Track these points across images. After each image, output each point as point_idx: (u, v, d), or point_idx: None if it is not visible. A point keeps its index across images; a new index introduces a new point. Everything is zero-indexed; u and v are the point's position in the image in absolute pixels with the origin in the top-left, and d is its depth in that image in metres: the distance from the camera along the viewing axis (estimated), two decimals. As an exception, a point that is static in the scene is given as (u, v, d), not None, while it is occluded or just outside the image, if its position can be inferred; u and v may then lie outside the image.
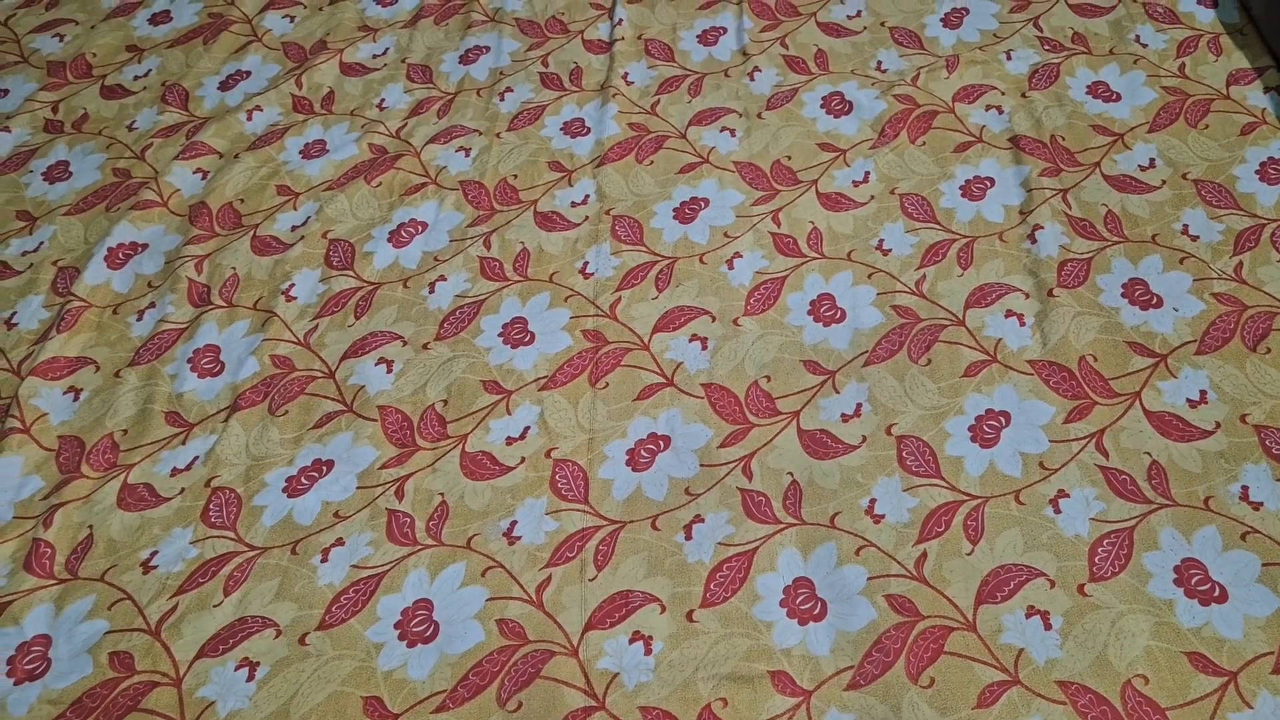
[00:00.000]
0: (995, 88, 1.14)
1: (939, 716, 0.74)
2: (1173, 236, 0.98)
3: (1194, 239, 0.97)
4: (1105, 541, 0.80)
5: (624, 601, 0.82)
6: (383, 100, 1.24)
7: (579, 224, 1.08)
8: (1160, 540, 0.80)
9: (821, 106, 1.16)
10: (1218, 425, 0.85)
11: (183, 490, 0.92)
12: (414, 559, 0.86)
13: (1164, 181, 1.02)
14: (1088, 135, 1.07)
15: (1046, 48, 1.17)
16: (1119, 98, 1.09)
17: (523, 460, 0.91)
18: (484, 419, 0.94)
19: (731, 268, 1.01)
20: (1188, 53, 1.12)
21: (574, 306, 1.01)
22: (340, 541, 0.87)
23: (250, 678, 0.80)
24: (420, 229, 1.10)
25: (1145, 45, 1.14)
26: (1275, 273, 0.93)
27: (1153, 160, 1.03)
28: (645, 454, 0.90)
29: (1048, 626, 0.77)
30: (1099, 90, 1.11)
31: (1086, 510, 0.82)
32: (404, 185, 1.14)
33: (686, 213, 1.07)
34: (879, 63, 1.20)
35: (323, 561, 0.86)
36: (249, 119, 1.24)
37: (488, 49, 1.29)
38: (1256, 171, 1.01)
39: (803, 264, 1.01)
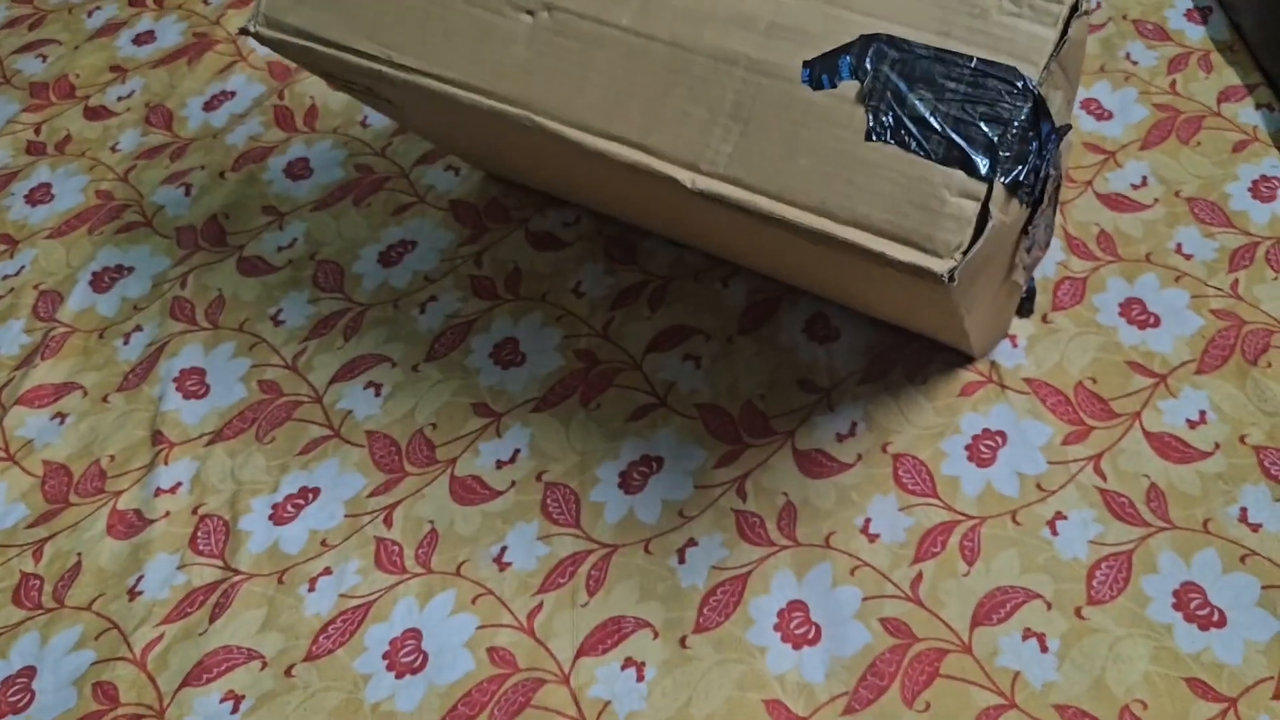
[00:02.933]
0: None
1: (937, 744, 0.73)
2: (1167, 255, 0.97)
3: (1188, 257, 0.97)
4: (1104, 564, 0.80)
5: (616, 627, 0.81)
6: (365, 118, 1.23)
7: (571, 243, 1.07)
8: (1159, 563, 0.79)
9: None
10: (1217, 446, 0.85)
11: (167, 514, 0.91)
12: (403, 587, 0.85)
13: (1156, 200, 1.01)
14: (1080, 153, 1.06)
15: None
16: (1111, 115, 1.09)
17: (513, 484, 0.90)
18: (473, 442, 0.93)
19: (726, 286, 1.01)
20: (1178, 70, 1.12)
21: (566, 326, 1.00)
22: (328, 570, 0.86)
23: (235, 710, 0.79)
24: (409, 249, 1.09)
25: (1136, 63, 1.14)
26: (1271, 291, 0.93)
27: (1145, 178, 1.03)
28: (638, 476, 0.89)
29: (1044, 649, 0.76)
30: (1091, 108, 1.10)
31: (1085, 533, 0.81)
32: (393, 205, 1.14)
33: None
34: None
35: (310, 591, 0.85)
36: (232, 138, 1.23)
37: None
38: (1249, 189, 1.00)
39: (796, 283, 1.01)
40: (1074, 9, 0.63)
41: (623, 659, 0.79)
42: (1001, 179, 0.61)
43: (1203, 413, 0.87)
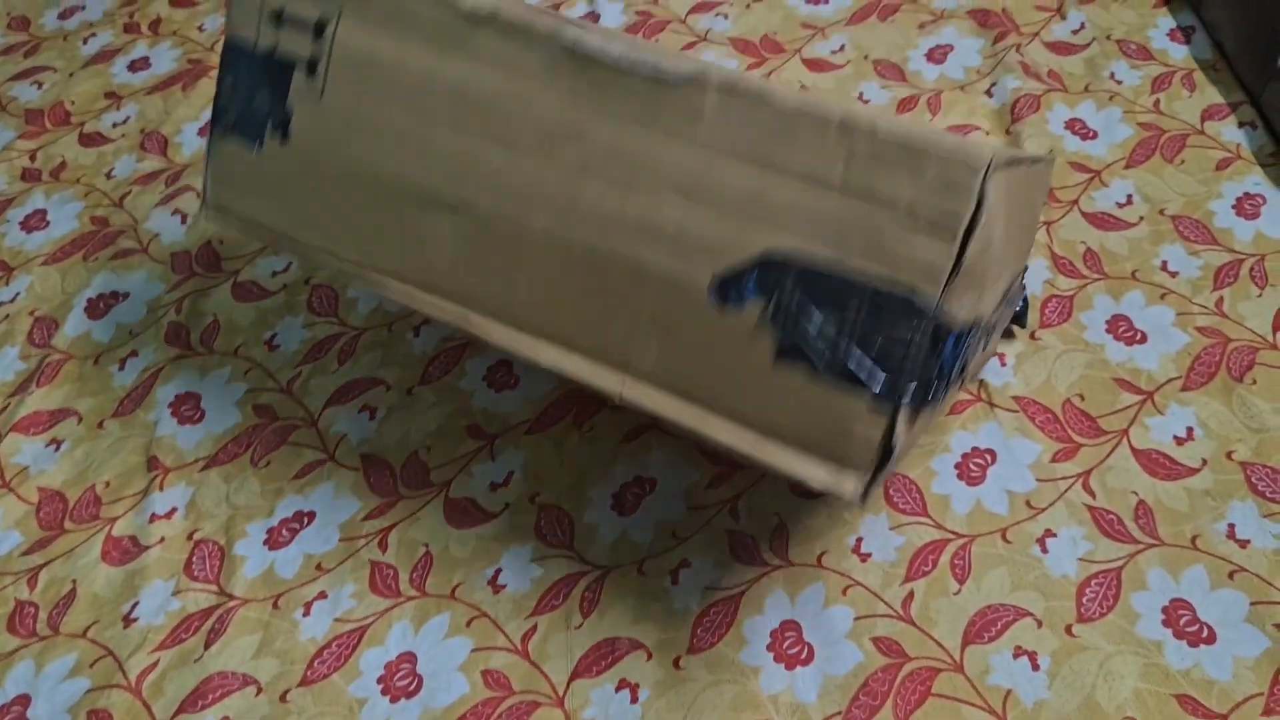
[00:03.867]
0: (978, 126, 1.14)
1: (930, 763, 0.73)
2: (1152, 273, 0.98)
3: (1173, 275, 0.97)
4: (1093, 582, 0.80)
5: (610, 649, 0.81)
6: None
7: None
8: (1148, 580, 0.80)
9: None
10: (1204, 462, 0.85)
11: (163, 539, 0.91)
12: (397, 611, 0.85)
13: (1141, 218, 1.02)
14: (1065, 173, 1.07)
15: (1029, 75, 1.17)
16: (1096, 135, 1.10)
17: (507, 507, 0.90)
18: (467, 465, 0.93)
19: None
20: (1162, 89, 1.13)
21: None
22: (323, 595, 0.87)
23: (232, 735, 0.80)
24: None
25: (1120, 82, 1.15)
26: (1255, 308, 0.94)
27: (1130, 197, 1.04)
28: (631, 497, 0.89)
29: (1035, 667, 0.77)
30: (1076, 127, 1.11)
31: (1074, 550, 0.82)
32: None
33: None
34: (860, 93, 1.20)
35: (305, 615, 0.86)
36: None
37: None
38: (1233, 206, 1.01)
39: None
40: (970, 227, 0.60)
41: (617, 680, 0.80)
42: (904, 400, 0.62)
43: (1190, 429, 0.87)
